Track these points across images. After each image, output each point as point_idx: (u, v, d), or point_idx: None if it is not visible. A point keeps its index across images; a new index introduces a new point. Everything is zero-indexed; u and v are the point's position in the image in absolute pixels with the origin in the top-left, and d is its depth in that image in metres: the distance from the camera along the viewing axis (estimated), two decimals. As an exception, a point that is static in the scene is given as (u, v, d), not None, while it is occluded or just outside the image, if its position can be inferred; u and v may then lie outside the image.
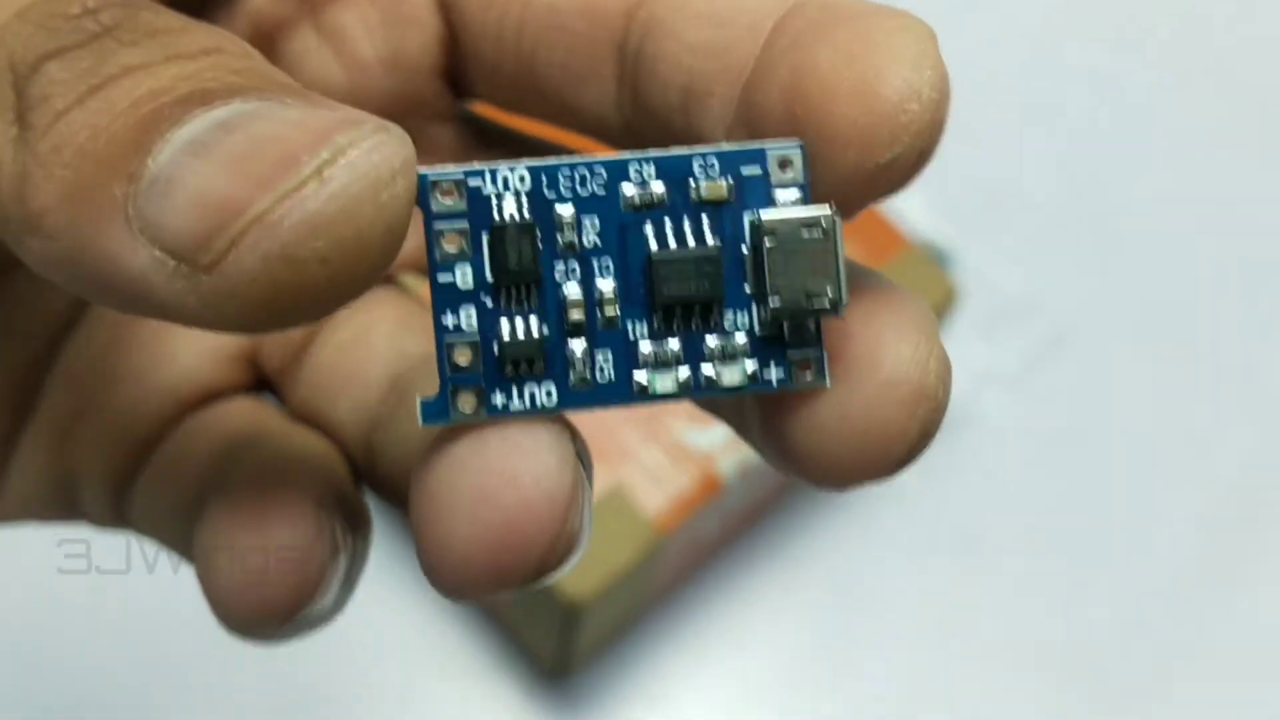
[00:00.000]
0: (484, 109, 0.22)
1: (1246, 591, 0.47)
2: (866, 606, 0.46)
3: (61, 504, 0.22)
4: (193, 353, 0.21)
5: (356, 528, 0.20)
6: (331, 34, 0.21)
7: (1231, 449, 0.49)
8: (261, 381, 0.22)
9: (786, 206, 0.16)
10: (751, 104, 0.17)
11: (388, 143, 0.14)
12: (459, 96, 0.21)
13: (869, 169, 0.16)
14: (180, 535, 0.20)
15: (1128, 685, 0.46)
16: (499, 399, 0.15)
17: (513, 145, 0.21)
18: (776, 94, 0.16)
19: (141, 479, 0.21)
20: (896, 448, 0.16)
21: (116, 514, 0.21)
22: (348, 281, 0.14)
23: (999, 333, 0.50)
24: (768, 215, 0.15)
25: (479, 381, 0.15)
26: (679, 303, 0.15)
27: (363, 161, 0.14)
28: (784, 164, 0.16)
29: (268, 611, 0.19)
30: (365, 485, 0.21)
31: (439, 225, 0.15)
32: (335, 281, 0.14)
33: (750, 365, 0.16)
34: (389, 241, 0.14)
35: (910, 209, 0.48)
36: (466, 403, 0.15)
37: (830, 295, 0.15)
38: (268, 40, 0.21)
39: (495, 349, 0.15)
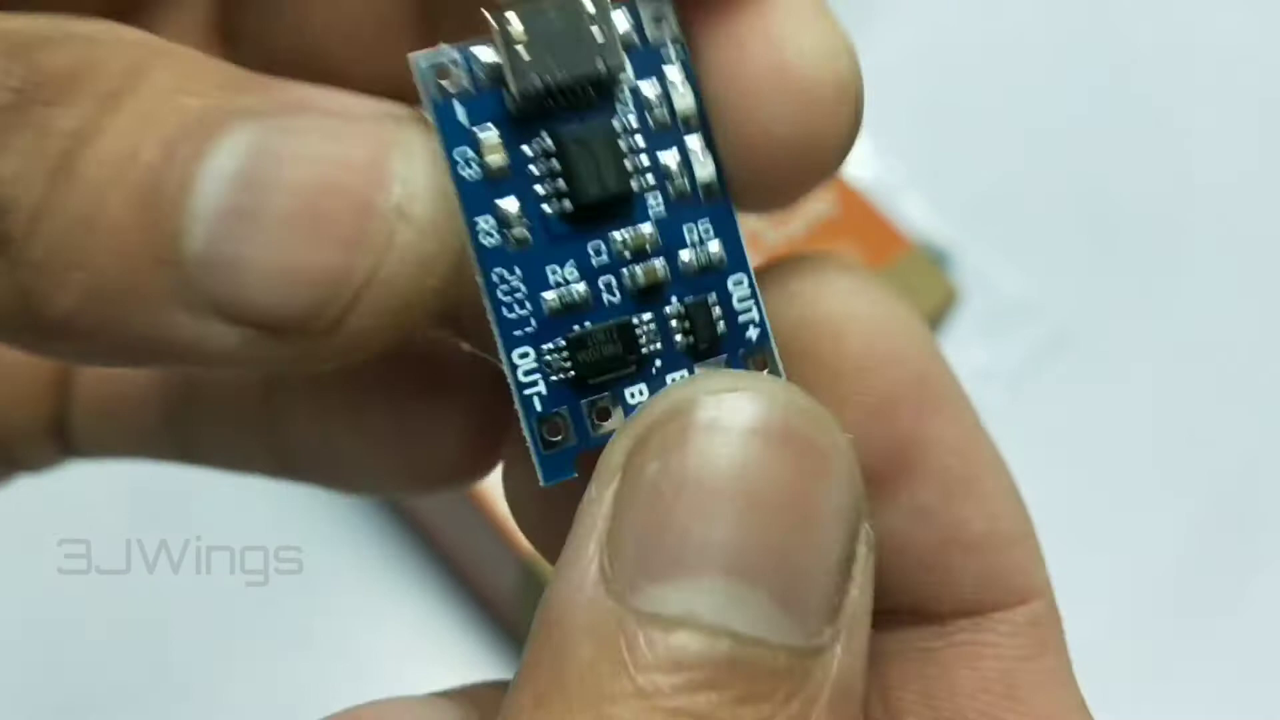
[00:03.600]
0: None
1: (1246, 591, 0.47)
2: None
3: None
4: None
5: None
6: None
7: (1231, 449, 0.49)
8: None
9: None
10: None
11: (420, 138, 0.14)
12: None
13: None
14: (152, 437, 0.20)
15: (1127, 685, 0.46)
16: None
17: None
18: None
19: (76, 405, 0.20)
20: (830, 155, 0.15)
21: (61, 449, 0.20)
22: (445, 296, 0.14)
23: (999, 333, 0.50)
24: None
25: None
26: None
27: (424, 182, 0.14)
28: None
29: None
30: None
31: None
32: (444, 294, 0.14)
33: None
34: (460, 248, 0.14)
35: (910, 209, 0.48)
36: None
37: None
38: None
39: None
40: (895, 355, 0.16)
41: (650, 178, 0.15)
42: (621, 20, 0.15)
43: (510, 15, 0.14)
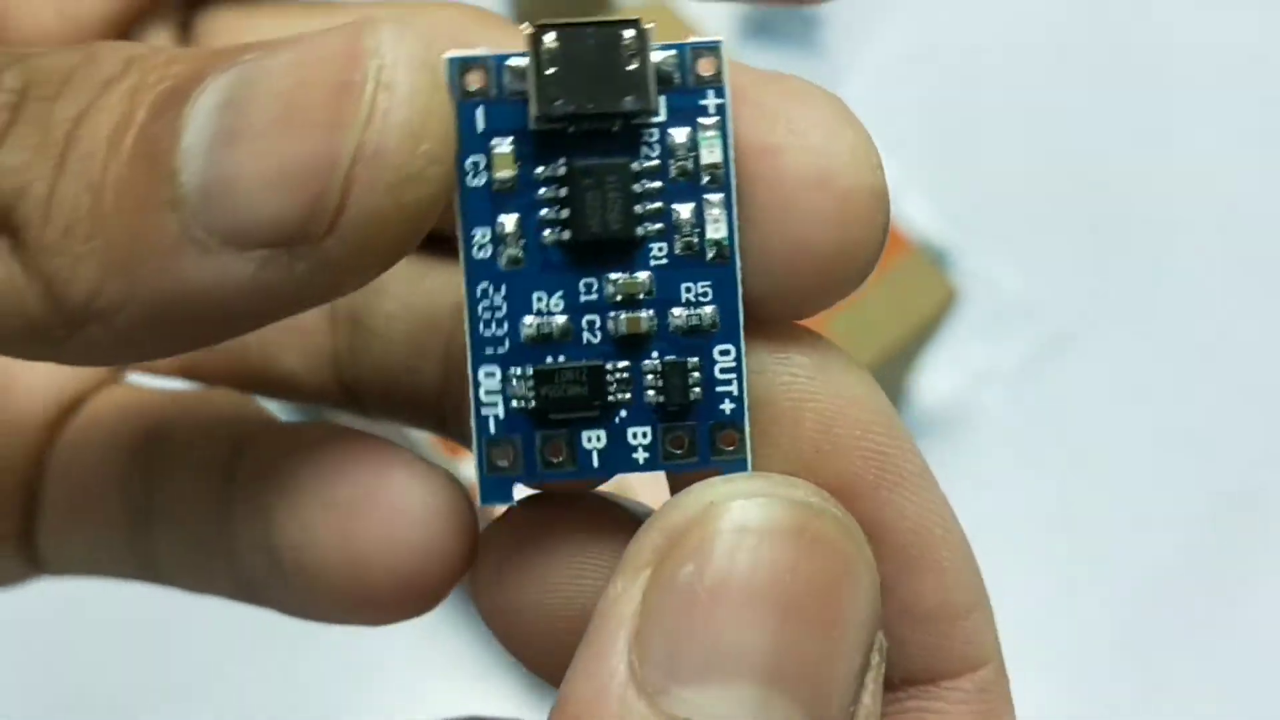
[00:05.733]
0: None
1: (1247, 591, 0.47)
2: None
3: None
4: (39, 370, 0.19)
5: None
6: None
7: (1231, 449, 0.49)
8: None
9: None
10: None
11: (398, 30, 0.13)
12: None
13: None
14: (118, 554, 0.19)
15: (1127, 684, 0.46)
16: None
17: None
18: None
19: (42, 518, 0.20)
20: (863, 263, 0.15)
21: (28, 564, 0.20)
22: (449, 169, 0.14)
23: (999, 333, 0.50)
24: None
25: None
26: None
27: (404, 53, 0.13)
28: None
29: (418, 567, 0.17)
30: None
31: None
32: (446, 174, 0.14)
33: None
34: (451, 113, 0.14)
35: (910, 209, 0.48)
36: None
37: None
38: None
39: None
40: (854, 439, 0.15)
41: (659, 225, 0.15)
42: (667, 58, 0.15)
43: (548, 34, 0.14)
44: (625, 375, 0.15)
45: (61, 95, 0.13)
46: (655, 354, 0.15)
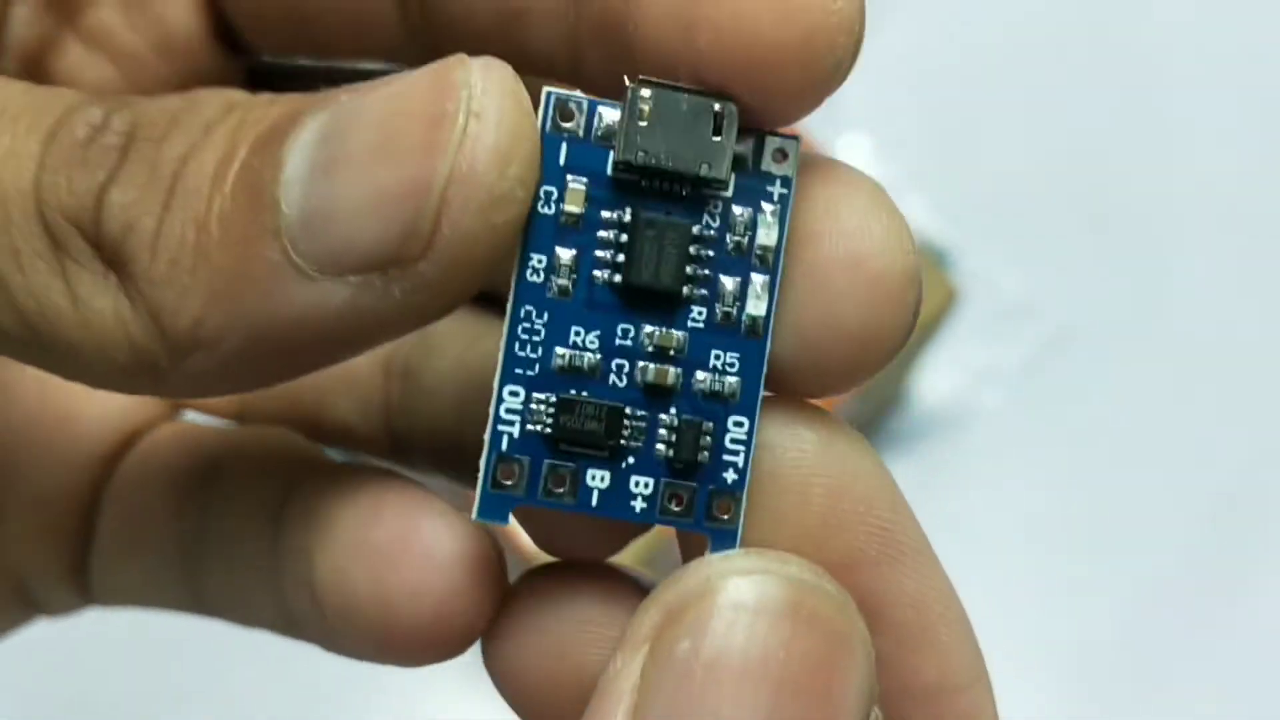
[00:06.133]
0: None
1: (1247, 591, 0.47)
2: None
3: (17, 609, 0.21)
4: (99, 402, 0.20)
5: None
6: (94, 37, 0.19)
7: (1232, 448, 0.49)
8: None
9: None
10: (607, 26, 0.16)
11: (487, 63, 0.14)
12: (238, 54, 0.20)
13: (817, 79, 0.15)
14: (168, 585, 0.20)
15: (1127, 684, 0.46)
16: None
17: (306, 81, 0.21)
18: (662, 23, 0.15)
19: (97, 548, 0.20)
20: (894, 343, 0.15)
21: (80, 593, 0.21)
22: (532, 195, 0.14)
23: (999, 333, 0.50)
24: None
25: None
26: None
27: (494, 82, 0.14)
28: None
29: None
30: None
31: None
32: (530, 196, 0.14)
33: None
34: (537, 141, 0.14)
35: (910, 209, 0.48)
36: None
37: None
38: (36, 65, 0.19)
39: None
40: (858, 515, 0.16)
41: (704, 291, 0.15)
42: (748, 141, 0.15)
43: (646, 90, 0.15)
44: (642, 424, 0.15)
45: (167, 137, 0.14)
46: (674, 410, 0.15)
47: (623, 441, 0.15)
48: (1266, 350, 0.51)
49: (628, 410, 0.15)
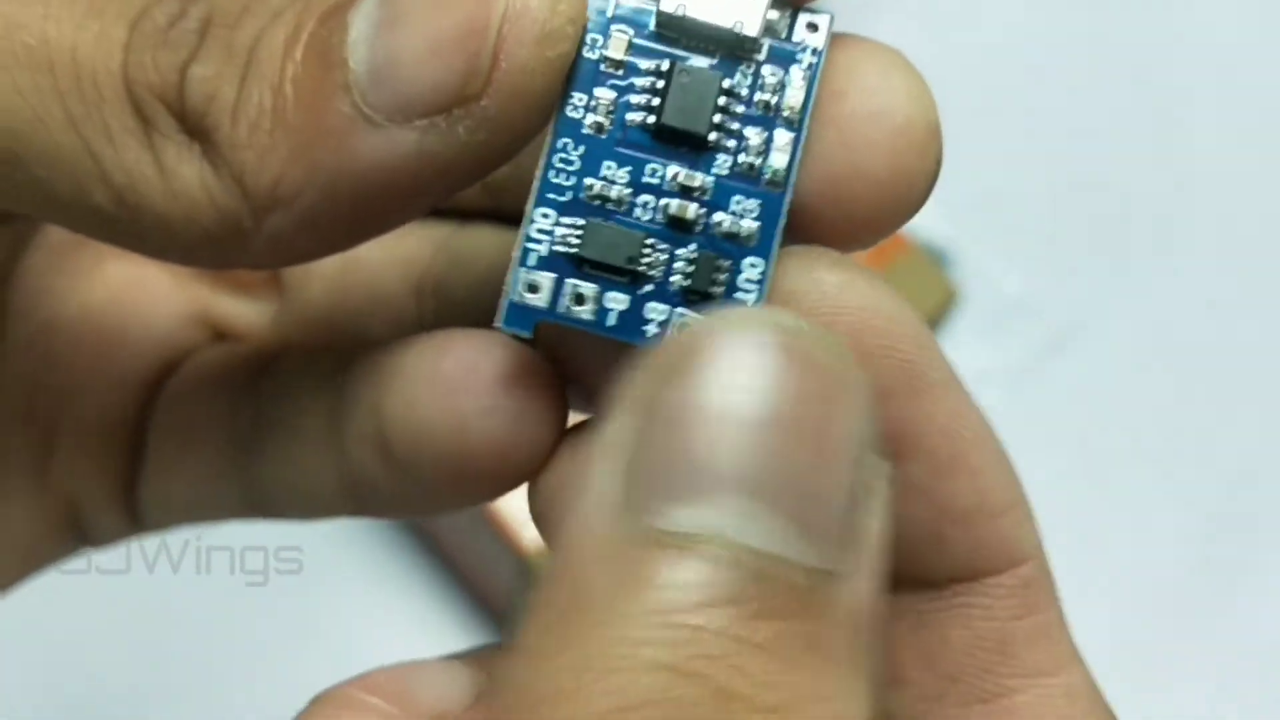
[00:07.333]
0: None
1: (1247, 592, 0.47)
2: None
3: (66, 538, 0.21)
4: (143, 327, 0.21)
5: None
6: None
7: (1232, 449, 0.49)
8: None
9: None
10: None
11: None
12: None
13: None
14: (221, 490, 0.20)
15: (1128, 684, 0.45)
16: None
17: None
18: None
19: (148, 465, 0.21)
20: (919, 192, 0.17)
21: (129, 518, 0.21)
22: (581, 31, 0.16)
23: (999, 333, 0.50)
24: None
25: None
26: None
27: None
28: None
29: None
30: None
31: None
32: (579, 34, 0.16)
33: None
34: None
35: (910, 209, 0.48)
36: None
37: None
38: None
39: None
40: (883, 349, 0.16)
41: (731, 142, 0.16)
42: (783, 13, 0.17)
43: None
44: (663, 255, 0.16)
45: (240, 24, 0.16)
46: (693, 245, 0.16)
47: (642, 268, 0.16)
48: (1266, 350, 0.51)
49: (649, 240, 0.16)
